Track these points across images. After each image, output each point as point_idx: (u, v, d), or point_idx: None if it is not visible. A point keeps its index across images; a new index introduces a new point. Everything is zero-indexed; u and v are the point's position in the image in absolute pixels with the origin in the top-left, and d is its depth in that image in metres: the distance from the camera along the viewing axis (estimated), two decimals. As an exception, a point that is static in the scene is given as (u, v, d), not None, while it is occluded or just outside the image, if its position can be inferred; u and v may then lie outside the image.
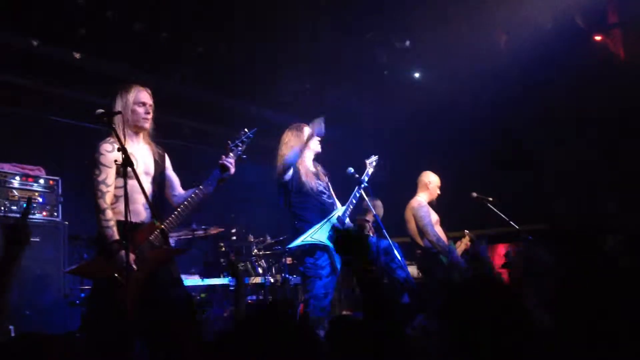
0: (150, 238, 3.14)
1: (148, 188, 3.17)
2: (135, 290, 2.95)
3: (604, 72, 6.29)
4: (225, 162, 3.28)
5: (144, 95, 3.31)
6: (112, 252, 3.02)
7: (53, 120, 5.82)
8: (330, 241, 4.09)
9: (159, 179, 3.34)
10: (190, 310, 3.38)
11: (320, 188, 4.30)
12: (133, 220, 3.05)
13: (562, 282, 1.73)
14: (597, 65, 6.31)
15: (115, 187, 3.16)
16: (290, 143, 4.30)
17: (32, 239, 4.38)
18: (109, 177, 3.15)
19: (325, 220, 4.18)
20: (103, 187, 3.13)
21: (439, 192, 5.62)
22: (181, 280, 3.39)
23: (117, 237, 3.05)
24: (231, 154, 3.33)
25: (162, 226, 3.10)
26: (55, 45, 5.41)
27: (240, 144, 3.37)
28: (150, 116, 3.32)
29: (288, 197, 4.23)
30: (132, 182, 2.93)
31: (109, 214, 3.09)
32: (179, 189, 3.49)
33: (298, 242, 4.08)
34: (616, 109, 6.21)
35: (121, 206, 3.09)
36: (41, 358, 1.52)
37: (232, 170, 3.30)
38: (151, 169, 3.33)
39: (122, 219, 3.06)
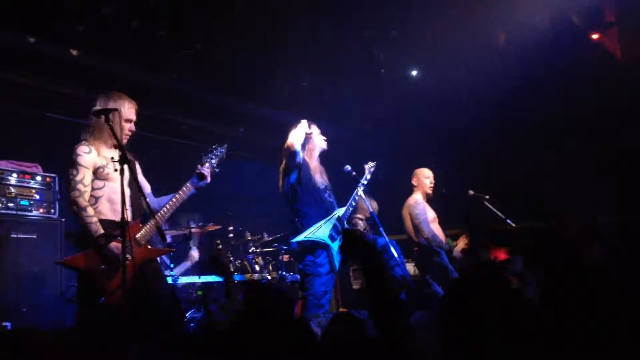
0: (137, 236, 3.23)
1: (126, 191, 3.22)
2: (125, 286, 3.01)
3: (602, 71, 6.29)
4: (202, 171, 3.52)
5: (133, 113, 3.46)
6: (100, 247, 3.06)
7: (50, 117, 5.80)
8: (331, 241, 4.09)
9: (133, 183, 3.40)
10: (176, 304, 3.58)
11: (323, 186, 4.31)
12: (116, 220, 3.10)
13: (558, 283, 1.73)
14: (595, 64, 6.32)
15: (93, 189, 3.26)
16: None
17: (29, 236, 4.46)
18: (86, 177, 3.24)
19: (327, 219, 4.18)
20: (81, 187, 3.21)
21: (430, 183, 5.58)
22: (165, 276, 3.60)
23: (102, 231, 3.13)
24: (206, 164, 3.57)
25: (157, 221, 3.20)
26: (53, 42, 5.38)
27: (213, 157, 3.63)
28: (131, 134, 3.48)
29: (294, 190, 4.21)
30: (113, 185, 3.18)
31: (90, 210, 3.18)
32: (149, 195, 3.61)
33: (301, 237, 4.07)
34: (614, 108, 6.21)
35: (101, 206, 3.24)
36: (38, 354, 1.51)
37: (209, 179, 3.54)
38: (126, 174, 3.39)
39: (103, 218, 3.19)
